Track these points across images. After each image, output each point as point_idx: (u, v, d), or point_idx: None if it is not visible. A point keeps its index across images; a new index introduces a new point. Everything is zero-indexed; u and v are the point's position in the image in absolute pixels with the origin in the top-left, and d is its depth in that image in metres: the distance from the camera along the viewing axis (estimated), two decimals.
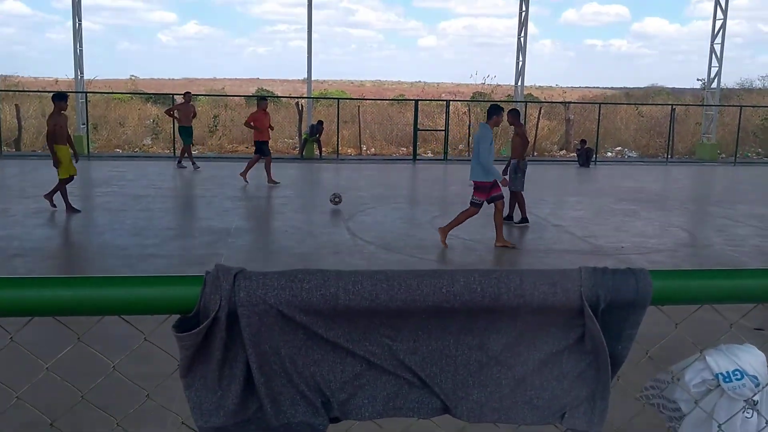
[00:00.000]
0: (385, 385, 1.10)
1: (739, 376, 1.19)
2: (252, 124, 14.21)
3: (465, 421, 1.13)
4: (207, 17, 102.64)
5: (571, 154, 22.81)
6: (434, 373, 1.10)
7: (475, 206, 8.38)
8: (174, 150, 20.55)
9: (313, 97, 23.65)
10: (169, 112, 17.37)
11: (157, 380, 1.34)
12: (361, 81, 57.17)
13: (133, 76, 41.66)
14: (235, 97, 30.70)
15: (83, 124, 19.96)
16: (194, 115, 17.10)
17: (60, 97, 10.26)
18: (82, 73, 20.12)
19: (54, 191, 10.14)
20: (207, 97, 30.54)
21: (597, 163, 20.70)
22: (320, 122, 20.86)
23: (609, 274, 1.07)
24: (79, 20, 19.68)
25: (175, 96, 22.56)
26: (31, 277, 1.00)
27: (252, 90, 39.30)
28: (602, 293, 1.06)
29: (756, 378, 1.20)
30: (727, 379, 1.19)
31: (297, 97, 24.92)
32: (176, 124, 17.61)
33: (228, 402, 1.06)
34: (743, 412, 1.26)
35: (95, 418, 3.04)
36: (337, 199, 11.10)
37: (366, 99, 30.24)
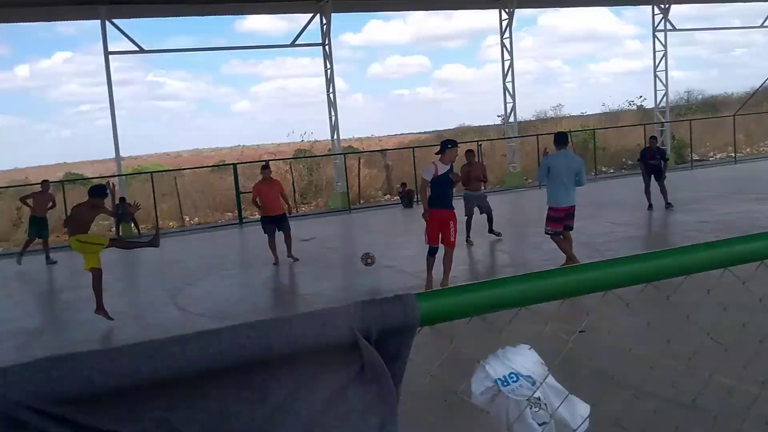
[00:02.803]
0: None
1: (515, 379, 1.26)
2: (257, 200, 11.73)
3: None
4: (0, 106, 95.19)
5: (395, 198, 23.66)
6: None
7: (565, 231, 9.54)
8: None
9: (123, 175, 22.62)
10: (24, 200, 15.88)
11: None
12: (178, 152, 55.67)
13: None
14: (37, 185, 28.50)
15: None
16: (52, 206, 15.61)
17: None
18: None
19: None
20: (9, 189, 28.04)
21: (419, 202, 21.58)
22: (122, 199, 19.52)
23: (377, 305, 1.10)
24: None
25: None
26: None
27: (60, 175, 36.81)
28: (372, 324, 1.08)
29: (530, 377, 1.28)
30: (505, 383, 1.26)
31: (107, 177, 23.64)
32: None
33: None
34: (531, 408, 1.33)
35: None
36: (369, 260, 9.50)
37: (183, 169, 29.42)
